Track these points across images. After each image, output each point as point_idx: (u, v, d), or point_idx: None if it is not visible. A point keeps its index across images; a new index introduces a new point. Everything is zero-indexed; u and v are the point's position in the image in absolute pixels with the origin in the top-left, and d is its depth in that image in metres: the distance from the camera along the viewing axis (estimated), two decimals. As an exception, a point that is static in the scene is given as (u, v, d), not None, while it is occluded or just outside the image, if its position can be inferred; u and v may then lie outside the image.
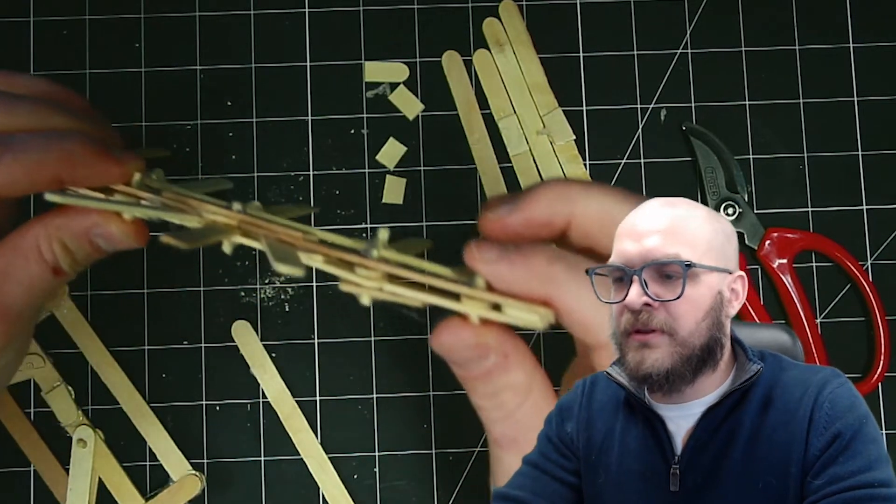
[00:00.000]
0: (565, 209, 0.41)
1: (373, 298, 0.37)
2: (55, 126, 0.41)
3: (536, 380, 0.39)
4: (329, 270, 0.37)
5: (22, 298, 0.42)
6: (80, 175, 0.40)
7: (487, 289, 0.37)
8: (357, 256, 0.37)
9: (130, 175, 0.41)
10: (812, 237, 0.60)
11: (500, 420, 0.40)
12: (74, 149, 0.39)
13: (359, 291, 0.37)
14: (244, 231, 0.38)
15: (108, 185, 0.41)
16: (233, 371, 0.58)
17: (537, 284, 0.38)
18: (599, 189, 0.41)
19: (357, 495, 0.58)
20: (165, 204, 0.40)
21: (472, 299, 0.37)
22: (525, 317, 0.36)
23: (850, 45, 0.61)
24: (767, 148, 0.61)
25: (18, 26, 0.61)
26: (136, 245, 0.42)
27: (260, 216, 0.39)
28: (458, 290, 0.37)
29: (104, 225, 0.41)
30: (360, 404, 0.59)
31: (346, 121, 0.61)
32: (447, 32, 0.61)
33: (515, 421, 0.40)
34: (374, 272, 0.37)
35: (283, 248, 0.37)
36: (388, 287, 0.37)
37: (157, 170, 0.42)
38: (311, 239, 0.38)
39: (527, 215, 0.41)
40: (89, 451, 0.56)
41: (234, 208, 0.39)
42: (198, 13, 0.61)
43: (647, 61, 0.61)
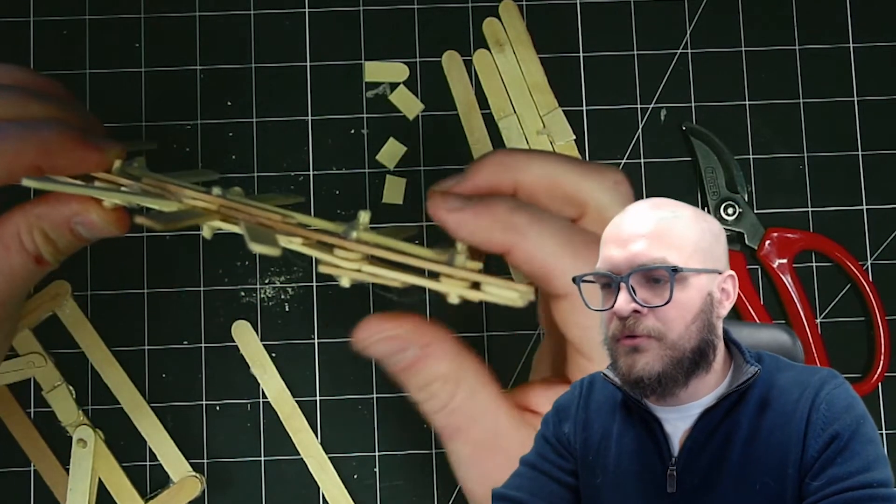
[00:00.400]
0: (509, 176, 0.41)
1: (352, 280, 0.37)
2: (33, 114, 0.40)
3: (465, 366, 0.39)
4: (308, 252, 0.37)
5: (4, 289, 0.42)
6: (58, 164, 0.40)
7: (469, 255, 0.37)
8: (336, 238, 0.37)
9: (110, 163, 0.41)
10: (812, 237, 0.60)
11: (438, 411, 0.40)
12: (52, 137, 0.39)
13: (338, 273, 0.37)
14: (224, 215, 0.38)
15: (88, 173, 0.41)
16: (233, 371, 0.58)
17: (499, 233, 0.38)
18: (542, 155, 0.42)
19: (357, 495, 0.58)
20: (145, 190, 0.40)
21: (451, 278, 0.37)
22: (505, 294, 0.36)
23: (850, 45, 0.61)
24: (767, 148, 0.61)
25: (18, 26, 0.61)
26: (116, 232, 0.42)
27: (240, 201, 0.39)
28: (438, 269, 0.37)
29: (84, 213, 0.41)
30: (360, 404, 0.59)
31: (346, 121, 0.61)
32: (447, 32, 0.61)
33: (452, 410, 0.39)
34: (353, 253, 0.36)
35: (260, 230, 0.37)
36: (366, 268, 0.37)
37: (139, 158, 0.42)
38: (290, 222, 0.38)
39: (473, 184, 0.41)
40: (89, 451, 0.56)
41: (214, 193, 0.39)
42: (198, 13, 0.61)
43: (647, 61, 0.61)
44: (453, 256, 0.37)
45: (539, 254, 0.38)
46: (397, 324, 0.38)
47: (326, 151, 0.60)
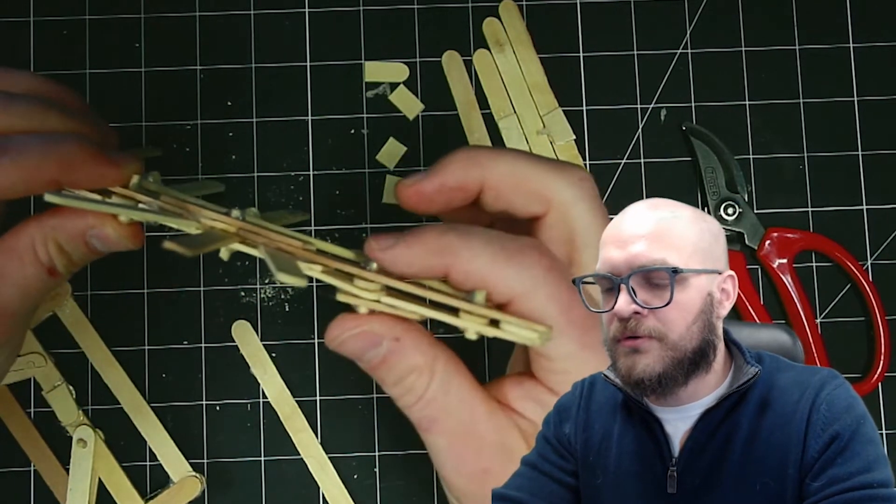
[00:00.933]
0: (476, 173, 0.42)
1: (369, 309, 0.37)
2: (52, 127, 0.40)
3: (438, 356, 0.39)
4: (327, 281, 0.37)
5: (17, 299, 0.42)
6: (77, 178, 0.40)
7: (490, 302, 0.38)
8: (356, 268, 0.37)
9: (128, 178, 0.41)
10: (812, 237, 0.60)
11: (414, 405, 0.40)
12: (72, 152, 0.39)
13: (356, 303, 0.37)
14: (242, 238, 0.38)
15: (106, 188, 0.41)
16: (233, 371, 0.58)
17: (434, 258, 0.38)
18: (508, 153, 0.43)
19: (357, 495, 0.58)
20: (163, 208, 0.40)
21: (470, 314, 0.37)
22: (524, 334, 0.37)
23: (850, 45, 0.61)
24: (767, 148, 0.61)
25: (18, 26, 0.61)
26: (131, 247, 0.42)
27: (258, 223, 0.39)
28: (457, 305, 0.37)
29: (100, 227, 0.41)
30: (360, 404, 0.59)
31: (346, 121, 0.61)
32: (447, 32, 0.61)
33: (428, 401, 0.40)
34: (373, 284, 0.37)
35: (284, 258, 0.37)
36: (385, 299, 0.37)
37: (154, 172, 0.42)
38: (310, 249, 0.38)
39: (440, 181, 0.42)
40: (89, 451, 0.56)
41: (233, 215, 0.39)
42: (198, 13, 0.61)
43: (647, 61, 0.61)
44: (473, 293, 0.38)
45: (473, 266, 0.38)
46: (367, 319, 0.38)
47: (326, 151, 0.60)
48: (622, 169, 0.61)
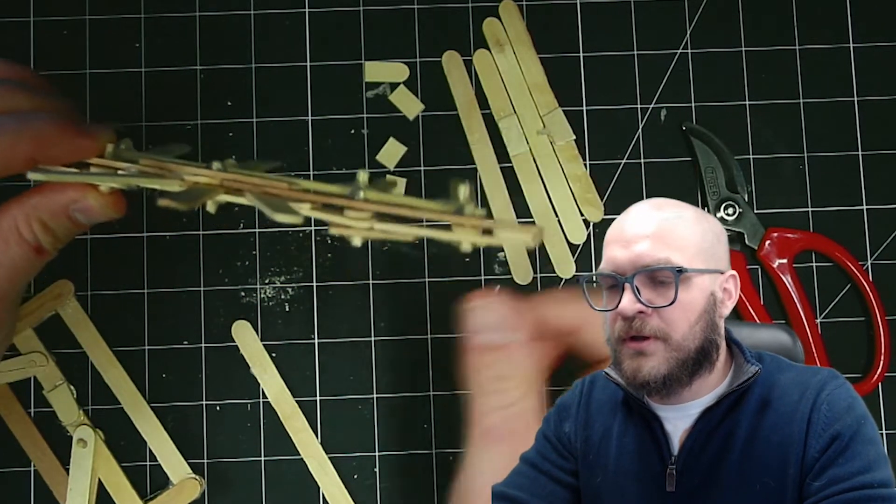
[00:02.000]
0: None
1: (364, 238, 0.37)
2: (19, 106, 0.40)
3: (538, 382, 0.40)
4: (318, 216, 0.37)
5: (5, 281, 0.42)
6: (53, 153, 0.40)
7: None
8: (344, 199, 0.37)
9: (103, 147, 0.41)
10: (812, 237, 0.59)
11: (496, 410, 0.40)
12: (45, 128, 0.39)
13: (349, 233, 0.37)
14: (227, 189, 0.38)
15: (82, 160, 0.41)
16: (233, 371, 0.58)
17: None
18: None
19: (357, 495, 0.58)
20: (143, 171, 0.40)
21: (463, 227, 0.37)
22: (516, 236, 0.36)
23: (850, 45, 0.61)
24: (767, 148, 0.61)
25: (18, 26, 0.60)
26: (114, 215, 0.42)
27: (241, 172, 0.39)
28: (449, 220, 0.37)
29: (82, 199, 0.41)
30: (360, 404, 0.59)
31: (346, 121, 0.61)
32: (447, 32, 0.61)
33: (512, 413, 0.40)
34: (363, 213, 0.37)
35: (274, 201, 0.37)
36: (378, 225, 0.37)
37: (126, 139, 0.41)
38: (296, 188, 0.38)
39: None
40: (89, 451, 0.56)
41: (214, 167, 0.39)
42: (198, 13, 0.61)
43: (647, 61, 0.61)
44: (461, 206, 0.37)
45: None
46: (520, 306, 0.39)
47: (326, 151, 0.60)
48: (622, 169, 0.61)
